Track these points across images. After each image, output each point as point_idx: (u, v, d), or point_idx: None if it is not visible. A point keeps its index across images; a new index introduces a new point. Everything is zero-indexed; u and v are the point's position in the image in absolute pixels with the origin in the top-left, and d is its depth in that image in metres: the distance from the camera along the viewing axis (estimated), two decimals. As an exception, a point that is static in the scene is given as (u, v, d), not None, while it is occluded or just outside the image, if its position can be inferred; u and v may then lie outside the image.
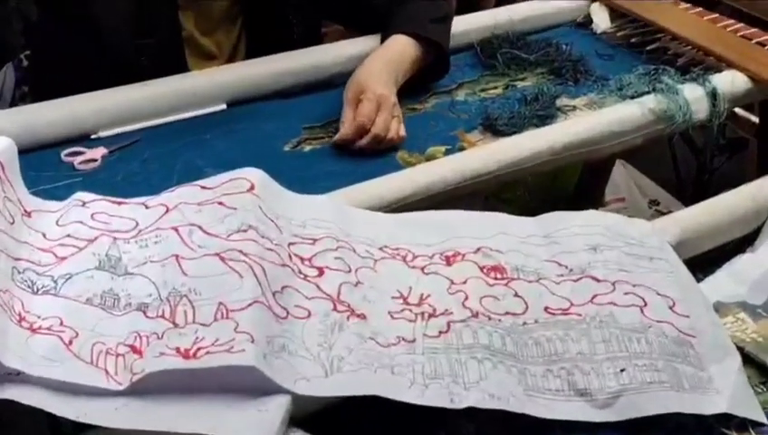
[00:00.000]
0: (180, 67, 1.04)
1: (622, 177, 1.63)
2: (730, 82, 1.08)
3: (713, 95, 1.06)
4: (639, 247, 0.77)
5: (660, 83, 1.07)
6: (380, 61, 1.03)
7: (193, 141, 0.95)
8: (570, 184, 1.53)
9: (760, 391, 0.69)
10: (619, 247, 0.77)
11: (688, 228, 0.83)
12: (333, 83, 1.10)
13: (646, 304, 0.72)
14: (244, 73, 1.05)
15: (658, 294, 0.73)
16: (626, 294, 0.73)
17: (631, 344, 0.68)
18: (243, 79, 1.04)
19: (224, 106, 1.04)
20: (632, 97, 1.06)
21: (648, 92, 1.06)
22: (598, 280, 0.74)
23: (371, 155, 0.96)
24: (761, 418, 0.66)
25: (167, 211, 0.73)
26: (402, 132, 0.98)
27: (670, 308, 0.72)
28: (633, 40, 1.22)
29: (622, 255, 0.76)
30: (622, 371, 0.66)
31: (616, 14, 1.28)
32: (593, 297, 0.72)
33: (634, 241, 0.78)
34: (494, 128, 1.01)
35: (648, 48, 1.19)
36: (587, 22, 1.29)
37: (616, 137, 1.01)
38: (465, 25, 1.21)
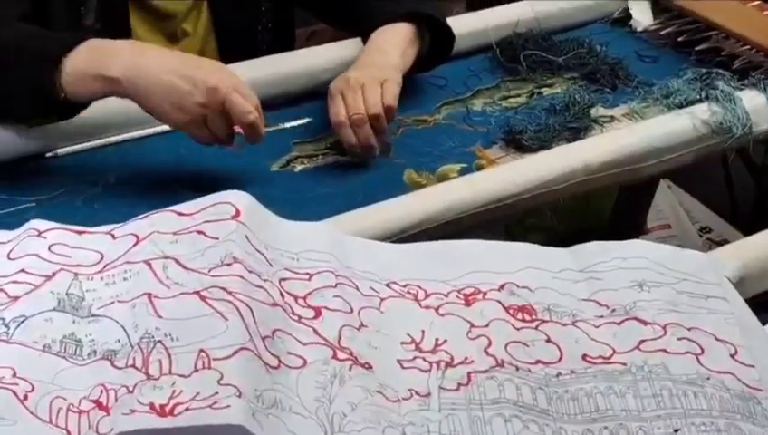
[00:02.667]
0: (124, 27, 1.06)
1: (668, 200, 1.65)
2: (797, 88, 1.10)
3: (776, 104, 1.07)
4: (694, 284, 0.78)
5: (713, 90, 1.08)
6: (368, 56, 1.04)
7: (167, 160, 0.96)
8: (605, 209, 1.54)
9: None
10: (670, 284, 0.78)
11: (751, 261, 0.84)
12: (325, 92, 1.11)
13: (702, 352, 0.72)
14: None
15: (717, 340, 0.73)
16: (679, 339, 0.73)
17: (686, 399, 0.68)
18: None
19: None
20: (680, 106, 1.08)
21: (700, 100, 1.08)
22: (645, 323, 0.75)
23: (374, 172, 0.97)
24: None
25: (137, 242, 0.74)
26: (390, 100, 0.97)
27: (732, 356, 0.72)
28: (680, 39, 1.24)
29: (673, 293, 0.77)
30: (676, 431, 0.66)
31: (659, 8, 1.30)
32: (640, 343, 0.73)
33: (687, 276, 0.79)
34: (518, 143, 1.03)
35: (699, 48, 1.21)
36: (625, 18, 1.31)
37: (661, 153, 1.03)
38: (481, 23, 1.23)
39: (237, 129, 0.89)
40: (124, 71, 0.86)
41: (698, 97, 1.09)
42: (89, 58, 0.87)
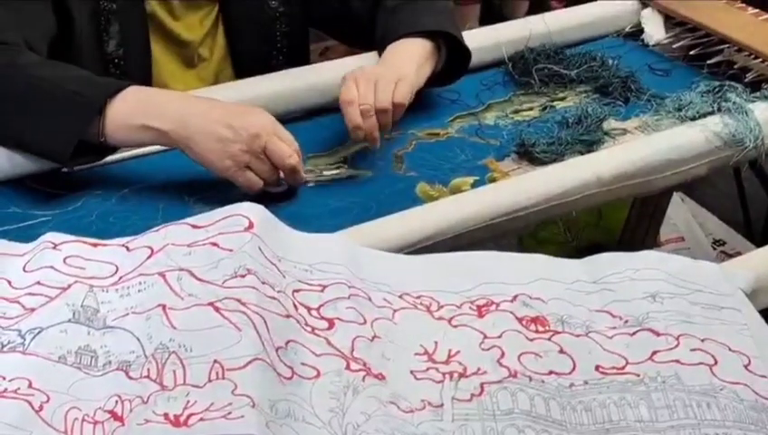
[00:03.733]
0: (144, 53, 1.08)
1: (681, 213, 1.65)
2: (810, 100, 1.10)
3: (789, 116, 1.07)
4: (707, 295, 0.78)
5: (726, 102, 1.09)
6: (384, 62, 1.06)
7: (180, 173, 0.97)
8: (618, 221, 1.54)
9: None
10: (684, 295, 0.78)
11: (764, 272, 0.84)
12: (339, 106, 1.12)
13: (716, 363, 0.72)
14: (237, 95, 1.07)
15: (731, 351, 0.73)
16: (692, 350, 0.73)
17: (700, 410, 0.68)
18: (236, 101, 1.06)
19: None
20: (693, 118, 1.08)
21: (712, 113, 1.08)
22: (658, 334, 0.75)
23: (387, 185, 0.97)
24: None
25: (151, 254, 0.74)
26: (400, 98, 0.98)
27: (745, 367, 0.72)
28: (692, 52, 1.24)
29: (687, 304, 0.77)
30: (690, 441, 0.66)
31: (671, 21, 1.30)
32: (653, 354, 0.73)
33: (700, 288, 0.79)
34: (531, 155, 1.03)
35: (711, 61, 1.21)
36: (637, 31, 1.32)
37: (674, 166, 1.03)
38: (493, 37, 1.23)
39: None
40: (171, 123, 0.89)
41: (711, 109, 1.09)
42: (134, 107, 0.90)
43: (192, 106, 0.92)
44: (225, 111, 0.91)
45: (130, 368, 0.66)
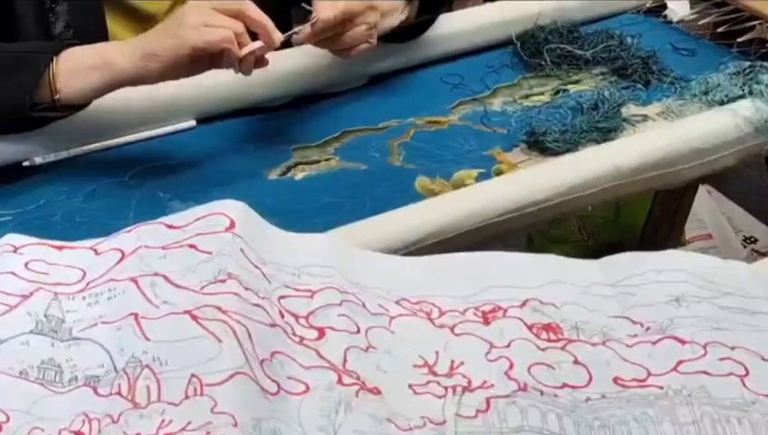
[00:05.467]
0: (99, 33, 1.08)
1: (708, 208, 1.65)
2: None
3: (827, 100, 1.07)
4: (738, 298, 0.78)
5: (757, 84, 1.09)
6: None
7: (154, 167, 0.97)
8: (639, 218, 1.54)
9: None
10: (711, 299, 0.78)
11: (800, 273, 0.84)
12: (330, 93, 1.12)
13: (747, 373, 0.72)
14: (219, 81, 1.07)
15: (764, 360, 0.73)
16: (721, 359, 0.73)
17: (730, 426, 0.68)
18: (217, 88, 1.06)
19: (193, 123, 1.06)
20: (721, 103, 1.09)
21: (742, 97, 1.09)
22: (683, 341, 0.75)
23: (383, 179, 0.97)
24: None
25: (122, 257, 0.74)
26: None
27: (780, 377, 0.72)
28: (720, 29, 1.25)
29: (715, 308, 0.77)
30: (719, 460, 0.66)
31: (697, -5, 1.30)
32: (678, 364, 0.73)
33: (730, 290, 0.79)
34: (542, 145, 1.03)
35: (741, 39, 1.22)
36: (660, 7, 1.32)
37: (700, 155, 1.03)
38: (499, 14, 1.24)
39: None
40: (125, 47, 0.91)
41: (740, 93, 1.09)
42: (84, 51, 0.91)
43: (145, 35, 0.93)
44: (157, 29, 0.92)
45: (99, 384, 0.65)
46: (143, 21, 1.13)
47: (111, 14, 1.10)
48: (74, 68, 0.91)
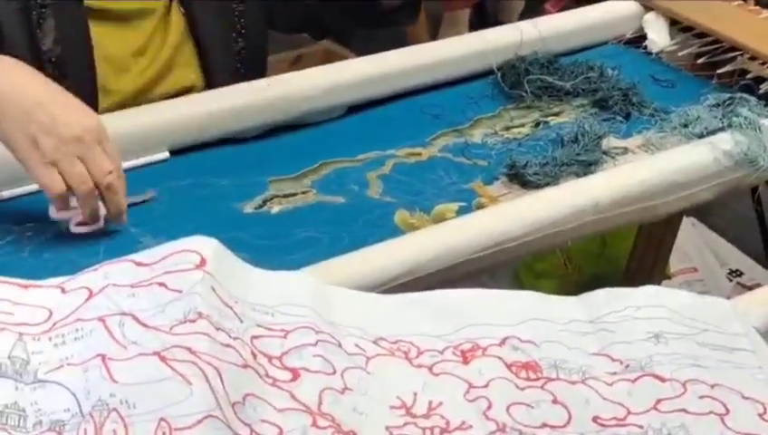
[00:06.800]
0: (85, 47, 1.08)
1: (693, 241, 1.66)
2: (831, 115, 1.11)
3: (808, 132, 1.08)
4: (717, 335, 0.78)
5: (737, 117, 1.10)
6: None
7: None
8: (624, 251, 1.54)
9: None
10: (690, 335, 0.78)
11: (782, 309, 0.84)
12: (305, 122, 1.12)
13: (727, 412, 0.72)
14: (192, 111, 1.07)
15: (744, 398, 0.73)
16: (701, 397, 0.73)
17: (711, 466, 0.68)
18: (190, 118, 1.06)
19: (166, 154, 1.06)
20: (700, 136, 1.09)
21: (722, 129, 1.09)
22: (663, 379, 0.75)
23: (361, 214, 0.97)
24: None
25: (90, 296, 0.73)
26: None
27: (760, 416, 0.72)
28: (700, 60, 1.26)
29: (694, 345, 0.77)
30: (700, 503, 0.66)
31: (677, 26, 1.32)
32: (657, 402, 0.73)
33: (709, 327, 0.79)
34: (523, 178, 1.04)
35: (721, 71, 1.23)
36: (639, 38, 1.33)
37: (681, 189, 1.03)
38: (481, 44, 1.24)
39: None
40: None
41: (720, 125, 1.10)
42: None
43: (21, 77, 0.88)
44: (55, 97, 0.87)
45: (65, 428, 0.65)
46: (122, 21, 1.13)
47: (95, 24, 1.10)
48: None
